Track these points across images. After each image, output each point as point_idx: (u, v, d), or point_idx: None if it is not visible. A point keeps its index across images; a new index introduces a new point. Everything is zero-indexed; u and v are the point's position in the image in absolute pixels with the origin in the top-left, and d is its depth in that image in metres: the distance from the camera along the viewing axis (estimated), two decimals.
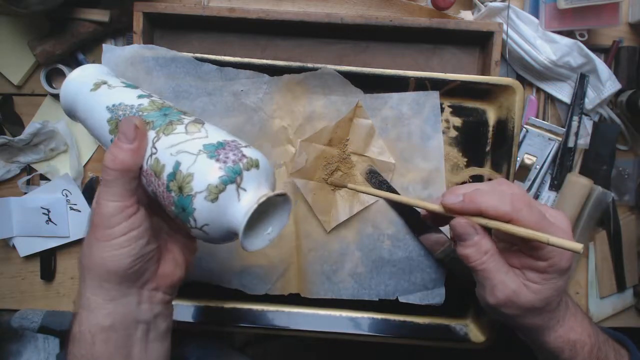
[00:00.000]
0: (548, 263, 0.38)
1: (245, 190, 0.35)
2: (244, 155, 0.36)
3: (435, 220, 0.43)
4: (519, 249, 0.40)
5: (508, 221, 0.37)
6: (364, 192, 0.51)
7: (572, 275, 0.67)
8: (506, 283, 0.39)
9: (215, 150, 0.35)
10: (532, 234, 0.36)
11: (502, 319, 0.43)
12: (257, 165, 0.36)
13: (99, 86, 0.44)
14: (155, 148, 0.37)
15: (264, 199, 0.34)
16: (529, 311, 0.40)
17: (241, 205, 0.34)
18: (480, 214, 0.38)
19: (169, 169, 0.35)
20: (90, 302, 0.37)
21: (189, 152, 0.35)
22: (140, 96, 0.42)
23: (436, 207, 0.41)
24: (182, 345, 0.63)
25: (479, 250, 0.39)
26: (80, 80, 0.45)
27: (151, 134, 0.38)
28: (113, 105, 0.41)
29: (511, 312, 0.40)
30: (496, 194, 0.38)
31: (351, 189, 0.55)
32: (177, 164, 0.35)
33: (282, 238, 0.58)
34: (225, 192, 0.34)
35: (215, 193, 0.34)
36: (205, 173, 0.34)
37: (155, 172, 0.36)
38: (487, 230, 0.39)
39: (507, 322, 0.43)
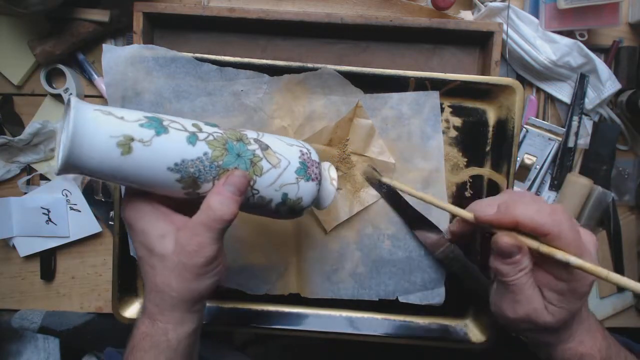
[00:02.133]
0: (569, 286, 0.37)
1: (322, 180, 0.46)
2: (317, 163, 0.45)
3: (463, 237, 0.42)
4: (541, 265, 0.39)
5: (544, 234, 0.35)
6: (408, 193, 0.51)
7: None
8: (530, 300, 0.38)
9: (306, 172, 0.44)
10: (586, 265, 0.34)
11: (513, 329, 0.42)
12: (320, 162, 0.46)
13: (130, 147, 0.36)
14: (256, 189, 0.42)
15: (335, 185, 0.47)
16: (543, 330, 0.39)
17: (328, 191, 0.46)
18: (516, 226, 0.37)
19: (277, 200, 0.43)
20: (177, 318, 0.40)
21: (290, 184, 0.43)
22: (189, 140, 0.39)
23: (470, 215, 0.40)
24: None
25: (516, 268, 0.38)
26: (92, 147, 0.35)
27: None
28: (175, 165, 0.38)
29: (526, 327, 0.40)
30: (535, 204, 0.36)
31: (395, 186, 0.55)
32: (285, 195, 0.43)
33: (282, 238, 0.58)
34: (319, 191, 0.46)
35: (316, 198, 0.46)
36: (309, 193, 0.44)
37: (261, 204, 0.43)
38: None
39: (517, 332, 0.42)
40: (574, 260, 0.34)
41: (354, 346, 0.62)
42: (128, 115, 0.38)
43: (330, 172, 0.47)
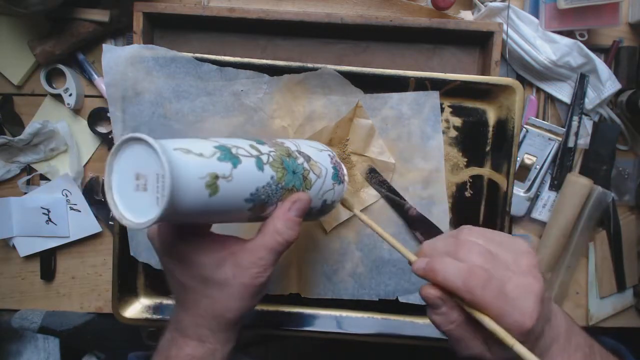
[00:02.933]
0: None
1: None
2: (341, 164, 0.48)
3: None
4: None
5: (461, 298, 0.36)
6: (367, 224, 0.50)
7: (572, 275, 0.67)
8: (470, 348, 0.38)
9: (337, 176, 0.46)
10: (500, 332, 0.35)
11: None
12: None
13: (217, 187, 0.34)
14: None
15: (347, 180, 0.49)
16: None
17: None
18: (439, 286, 0.37)
19: (317, 207, 0.45)
20: (227, 338, 0.41)
21: (329, 190, 0.45)
22: (258, 165, 0.37)
23: (414, 258, 0.40)
24: None
25: (446, 320, 0.38)
26: (185, 192, 0.32)
27: None
28: (251, 195, 0.37)
29: None
30: (451, 266, 0.36)
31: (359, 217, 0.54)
32: (324, 201, 0.45)
33: None
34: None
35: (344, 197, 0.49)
36: (340, 194, 0.47)
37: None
38: None
39: None
40: (487, 322, 0.35)
41: (354, 346, 0.62)
42: (203, 148, 0.34)
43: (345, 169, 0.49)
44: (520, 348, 0.34)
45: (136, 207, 0.32)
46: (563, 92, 0.65)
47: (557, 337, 0.40)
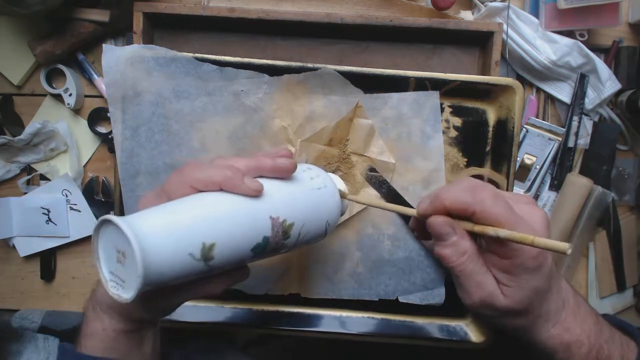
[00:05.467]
0: (513, 262, 0.36)
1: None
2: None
3: (422, 233, 0.42)
4: (487, 248, 0.38)
5: (472, 214, 0.35)
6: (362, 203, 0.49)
7: (572, 275, 0.67)
8: (482, 285, 0.37)
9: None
10: (514, 235, 0.33)
11: (484, 318, 0.42)
12: None
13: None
14: None
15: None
16: (506, 313, 0.38)
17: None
18: (448, 211, 0.37)
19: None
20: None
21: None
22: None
23: (413, 211, 0.40)
24: (182, 346, 0.63)
25: (457, 251, 0.37)
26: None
27: None
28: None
29: (488, 313, 0.39)
30: (457, 187, 0.36)
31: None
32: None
33: None
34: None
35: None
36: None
37: None
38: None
39: (491, 321, 0.41)
40: (502, 233, 0.34)
41: (354, 346, 0.62)
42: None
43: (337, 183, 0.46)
44: (541, 240, 0.33)
45: (125, 277, 0.32)
46: (563, 92, 0.65)
47: (567, 300, 0.41)
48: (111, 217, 0.31)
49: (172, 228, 0.32)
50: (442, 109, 0.58)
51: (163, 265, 0.31)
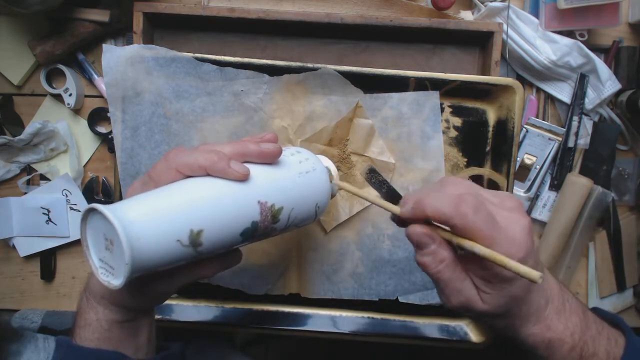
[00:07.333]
0: (491, 272, 0.36)
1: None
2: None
3: (401, 223, 0.42)
4: (466, 254, 0.38)
5: (452, 226, 0.35)
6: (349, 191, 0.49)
7: (572, 275, 0.67)
8: (461, 292, 0.37)
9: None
10: (488, 254, 0.33)
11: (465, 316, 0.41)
12: None
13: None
14: None
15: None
16: (485, 316, 0.39)
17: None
18: (428, 218, 0.36)
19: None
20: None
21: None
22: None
23: (397, 210, 0.39)
24: (182, 345, 0.63)
25: (435, 259, 0.37)
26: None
27: None
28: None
29: (468, 314, 0.39)
30: (441, 196, 0.36)
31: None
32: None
33: (282, 237, 0.58)
34: None
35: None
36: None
37: None
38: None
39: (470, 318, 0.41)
40: (478, 249, 0.34)
41: (354, 346, 0.62)
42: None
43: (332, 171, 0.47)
44: (514, 264, 0.32)
45: (114, 264, 0.32)
46: (563, 92, 0.65)
47: (551, 297, 0.40)
48: (97, 205, 0.31)
49: (159, 215, 0.32)
50: (442, 109, 0.58)
51: (151, 251, 0.31)
